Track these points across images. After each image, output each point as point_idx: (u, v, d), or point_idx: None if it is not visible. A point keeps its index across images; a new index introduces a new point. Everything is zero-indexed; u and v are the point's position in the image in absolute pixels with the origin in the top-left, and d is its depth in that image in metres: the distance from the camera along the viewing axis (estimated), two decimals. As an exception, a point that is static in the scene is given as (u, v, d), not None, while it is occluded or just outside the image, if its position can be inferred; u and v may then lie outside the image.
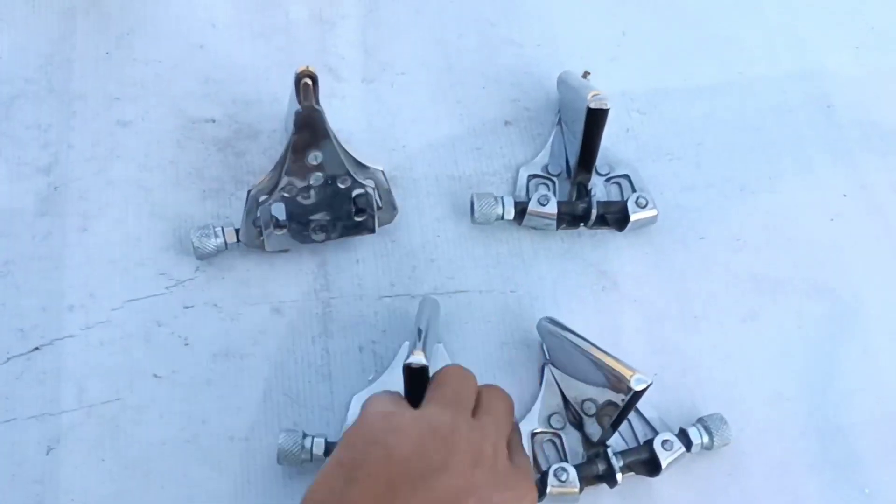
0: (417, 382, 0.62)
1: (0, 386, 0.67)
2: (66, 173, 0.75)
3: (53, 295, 0.71)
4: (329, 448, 0.66)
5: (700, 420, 0.70)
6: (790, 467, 0.71)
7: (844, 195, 0.81)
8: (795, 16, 0.89)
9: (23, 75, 0.78)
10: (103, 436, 0.67)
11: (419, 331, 0.64)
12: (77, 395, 0.68)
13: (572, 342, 0.68)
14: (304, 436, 0.66)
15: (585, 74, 0.83)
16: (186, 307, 0.71)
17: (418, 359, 0.60)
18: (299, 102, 0.65)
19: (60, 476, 0.65)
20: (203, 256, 0.72)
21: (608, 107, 0.72)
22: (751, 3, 0.89)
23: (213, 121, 0.78)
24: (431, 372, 0.62)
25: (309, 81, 0.64)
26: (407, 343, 0.71)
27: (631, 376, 0.62)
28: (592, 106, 0.72)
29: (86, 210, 0.74)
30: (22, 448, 0.66)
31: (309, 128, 0.66)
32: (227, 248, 0.72)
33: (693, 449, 0.69)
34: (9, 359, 0.68)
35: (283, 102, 0.75)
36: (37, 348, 0.69)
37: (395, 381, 0.69)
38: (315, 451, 0.66)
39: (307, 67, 0.64)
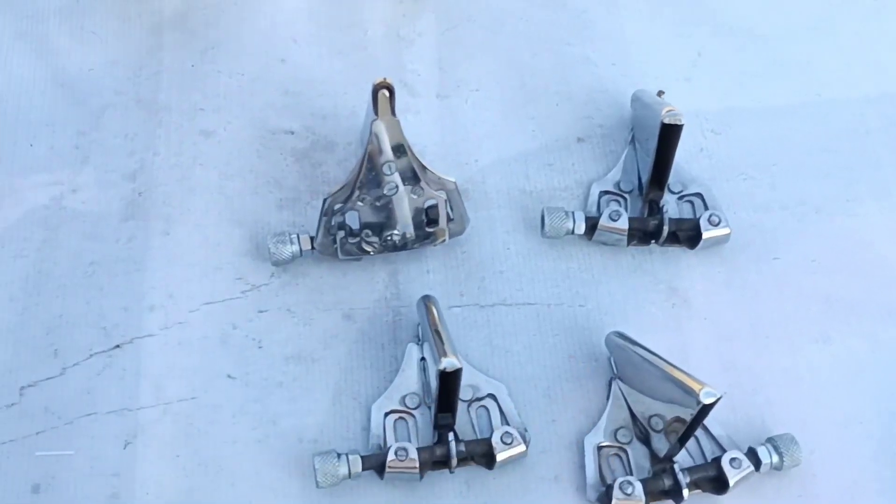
0: (452, 386, 0.64)
1: (82, 381, 0.71)
2: (151, 180, 0.78)
3: (135, 295, 0.74)
4: (366, 463, 0.67)
5: (770, 440, 0.70)
6: (861, 492, 0.70)
7: (922, 219, 0.81)
8: (872, 39, 0.89)
9: (113, 87, 0.82)
10: (178, 433, 0.69)
11: (436, 332, 0.65)
12: (155, 393, 0.71)
13: (641, 356, 0.68)
14: (339, 455, 0.67)
15: (660, 94, 0.84)
16: (261, 311, 0.74)
17: (452, 362, 0.61)
18: (376, 113, 0.67)
19: (136, 470, 0.68)
20: (278, 263, 0.74)
21: (682, 122, 0.73)
22: (827, 26, 0.90)
23: (292, 132, 0.81)
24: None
25: (386, 92, 0.67)
26: (412, 344, 0.72)
27: (700, 389, 0.63)
28: (666, 121, 0.73)
29: (168, 215, 0.77)
30: (101, 442, 0.69)
31: (385, 138, 0.68)
32: (301, 255, 0.74)
33: (762, 469, 0.69)
34: (91, 355, 0.72)
35: (360, 116, 0.78)
36: (118, 346, 0.72)
37: (407, 383, 0.71)
38: (353, 468, 0.67)
39: (384, 79, 0.67)
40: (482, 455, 0.69)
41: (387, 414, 0.70)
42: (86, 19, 0.85)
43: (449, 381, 0.63)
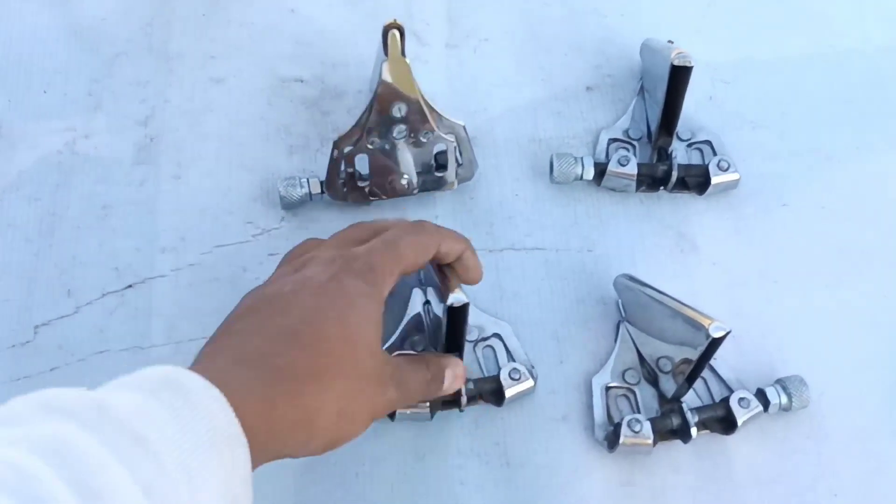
0: (460, 321, 0.65)
1: (95, 320, 0.72)
2: (162, 125, 0.80)
3: (147, 237, 0.75)
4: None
5: (779, 381, 0.71)
6: (871, 434, 0.71)
7: (935, 167, 0.81)
8: (887, -11, 0.90)
9: (125, 36, 0.84)
10: (189, 371, 0.71)
11: (440, 270, 0.65)
12: (166, 332, 0.72)
13: (650, 296, 0.69)
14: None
15: (669, 43, 0.84)
16: (271, 254, 0.75)
17: (459, 298, 0.62)
18: (386, 54, 0.68)
19: (148, 406, 0.69)
20: (289, 206, 0.76)
21: (692, 64, 0.73)
22: (840, -25, 0.90)
23: (302, 81, 0.83)
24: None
25: (396, 33, 0.68)
26: (416, 290, 0.73)
27: (710, 324, 0.63)
28: (676, 63, 0.73)
29: (180, 160, 0.78)
30: (113, 378, 0.70)
31: (395, 79, 0.69)
32: (311, 200, 0.76)
33: (770, 409, 0.70)
34: (104, 295, 0.73)
35: (369, 66, 0.79)
36: (130, 286, 0.74)
37: (412, 325, 0.72)
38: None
39: (395, 20, 0.68)
40: (491, 392, 0.70)
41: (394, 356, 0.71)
42: (99, -30, 0.86)
43: (457, 316, 0.64)
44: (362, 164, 0.74)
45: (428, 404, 0.68)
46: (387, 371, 0.56)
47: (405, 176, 0.75)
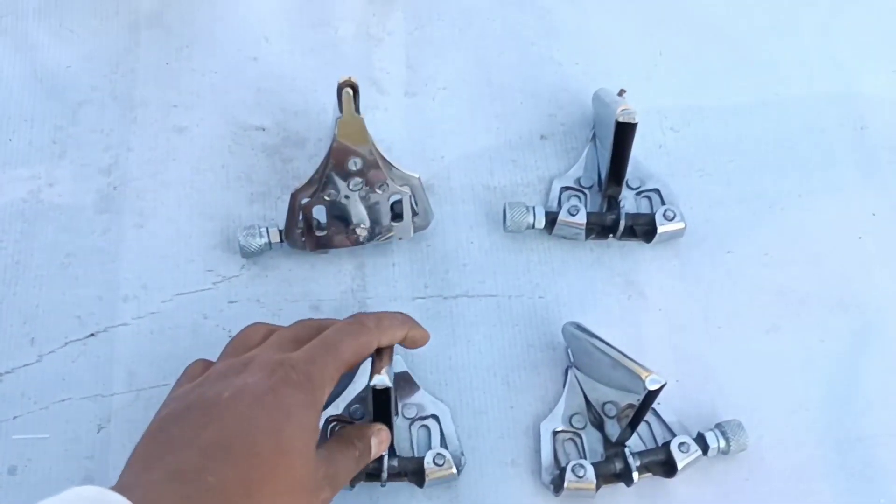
0: (384, 402, 0.68)
1: (57, 368, 0.75)
2: (125, 174, 0.82)
3: (110, 286, 0.78)
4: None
5: (718, 425, 0.75)
6: (807, 475, 0.75)
7: (873, 214, 0.85)
8: (832, 38, 0.93)
9: (89, 83, 0.86)
10: (150, 417, 0.73)
11: (378, 350, 0.68)
12: (127, 380, 0.75)
13: (594, 345, 0.73)
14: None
15: (621, 92, 0.88)
16: (231, 302, 0.78)
17: (382, 380, 0.65)
18: (340, 110, 0.71)
19: (110, 453, 0.72)
20: (248, 255, 0.79)
21: (636, 121, 0.77)
22: (788, 26, 0.94)
23: (263, 129, 0.85)
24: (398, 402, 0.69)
25: (350, 91, 0.71)
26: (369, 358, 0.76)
27: (646, 377, 0.67)
28: (621, 119, 0.77)
29: (142, 208, 0.81)
30: (75, 426, 0.73)
31: (349, 134, 0.72)
32: (270, 248, 0.78)
33: (710, 452, 0.73)
34: (66, 343, 0.76)
35: (329, 113, 0.82)
36: (92, 334, 0.76)
37: (357, 391, 0.75)
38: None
39: (349, 77, 0.71)
40: (413, 472, 0.73)
41: (328, 420, 0.73)
42: (64, 17, 0.88)
43: (381, 397, 0.67)
44: (320, 213, 0.77)
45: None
46: (319, 474, 0.58)
47: (361, 226, 0.78)
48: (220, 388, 0.57)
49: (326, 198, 0.75)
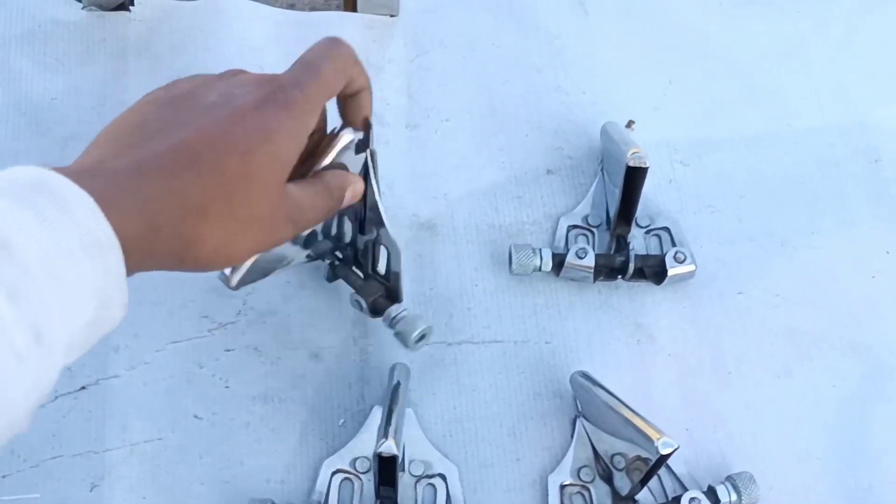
0: (389, 469, 0.68)
1: (48, 424, 0.73)
2: (116, 215, 0.80)
3: (101, 335, 0.76)
4: None
5: (729, 478, 0.74)
6: (819, 528, 0.75)
7: (887, 252, 0.85)
8: (844, 69, 0.92)
9: (77, 116, 0.84)
10: (145, 474, 0.73)
11: (389, 410, 0.69)
12: (121, 434, 0.73)
13: (604, 400, 0.72)
14: None
15: (629, 123, 0.87)
16: (228, 350, 0.77)
17: (389, 447, 0.65)
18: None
19: (104, 512, 0.71)
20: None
21: (647, 165, 0.76)
22: (799, 56, 0.93)
23: (259, 164, 0.83)
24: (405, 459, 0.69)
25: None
26: (377, 407, 0.75)
27: (658, 439, 0.67)
28: (631, 164, 0.76)
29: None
30: (67, 485, 0.72)
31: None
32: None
33: (721, 507, 0.73)
34: (56, 397, 0.74)
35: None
36: (83, 387, 0.75)
37: (362, 445, 0.74)
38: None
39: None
40: None
41: (335, 472, 0.73)
42: (48, 45, 0.86)
43: (385, 465, 0.67)
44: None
45: None
46: (282, 212, 0.55)
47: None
48: (207, 89, 0.55)
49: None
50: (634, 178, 0.77)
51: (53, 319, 0.42)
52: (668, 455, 0.67)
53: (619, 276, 0.81)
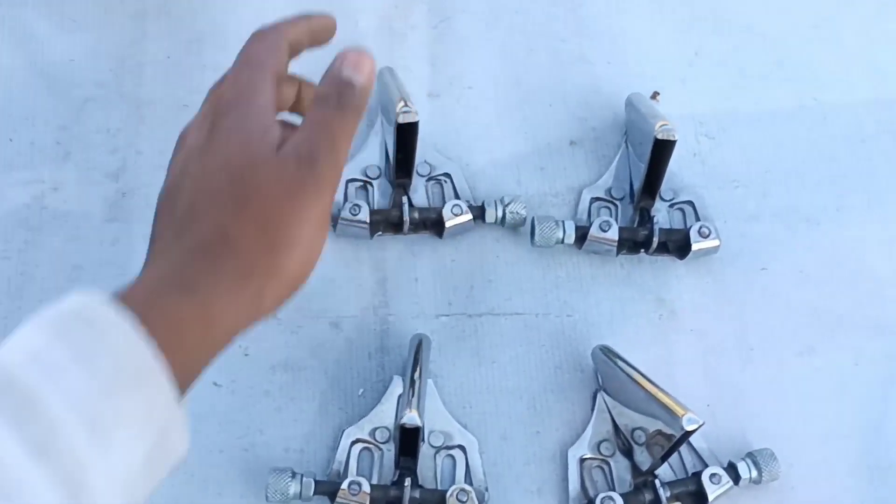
0: (411, 440, 0.69)
1: (67, 388, 0.74)
2: (135, 179, 0.81)
3: (121, 301, 0.77)
4: (319, 488, 0.71)
5: (750, 454, 0.75)
6: (839, 505, 0.76)
7: (915, 231, 0.85)
8: (874, 43, 0.92)
9: (94, 79, 0.84)
10: (164, 441, 0.73)
11: (412, 380, 0.70)
12: (140, 401, 0.74)
13: (628, 374, 0.73)
14: (294, 475, 0.72)
15: (654, 95, 0.87)
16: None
17: (413, 419, 0.66)
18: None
19: (123, 479, 0.72)
20: None
21: (675, 138, 0.76)
22: (829, 29, 0.93)
23: (280, 130, 0.84)
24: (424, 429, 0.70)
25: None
26: (397, 377, 0.76)
27: (683, 415, 0.68)
28: (660, 137, 0.76)
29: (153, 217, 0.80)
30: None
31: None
32: None
33: (741, 483, 0.74)
34: (76, 361, 0.75)
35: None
36: (103, 353, 0.75)
37: (382, 416, 0.75)
38: (304, 490, 0.71)
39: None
40: None
41: (354, 442, 0.74)
42: (66, 6, 0.86)
43: (408, 436, 0.68)
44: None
45: (368, 500, 0.71)
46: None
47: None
48: (229, 146, 0.51)
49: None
50: (662, 150, 0.77)
51: (91, 469, 0.40)
52: (693, 431, 0.68)
53: (643, 250, 0.82)
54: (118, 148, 0.82)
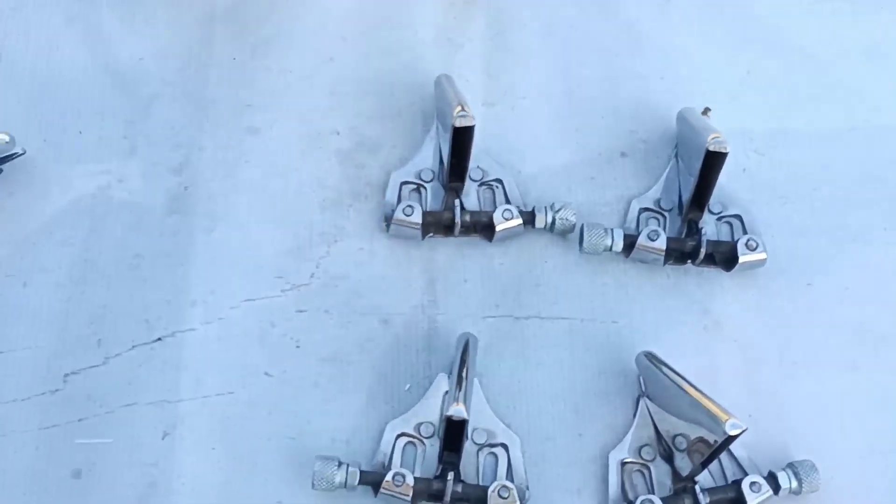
0: (457, 434, 0.70)
1: (124, 371, 0.77)
2: (196, 175, 0.85)
3: (178, 290, 0.80)
4: (363, 478, 0.73)
5: (790, 465, 0.76)
6: (879, 520, 0.76)
7: (961, 254, 0.86)
8: (925, 65, 0.94)
9: (161, 77, 0.88)
10: (215, 426, 0.76)
11: (459, 376, 0.72)
12: (194, 386, 0.77)
13: (671, 379, 0.74)
14: (339, 464, 0.73)
15: (706, 111, 0.89)
16: (300, 311, 0.80)
17: (460, 412, 0.68)
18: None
19: (174, 461, 0.75)
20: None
21: (727, 150, 0.78)
22: (879, 52, 0.94)
23: (337, 133, 0.87)
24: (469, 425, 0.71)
25: None
26: (443, 375, 0.78)
27: (726, 420, 0.68)
28: (711, 148, 0.78)
29: (213, 211, 0.83)
30: (140, 432, 0.76)
31: None
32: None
33: (780, 493, 0.75)
34: (133, 347, 0.78)
35: (406, 118, 0.84)
36: (160, 339, 0.78)
37: (426, 411, 0.77)
38: (350, 479, 0.73)
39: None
40: (476, 500, 0.74)
41: (399, 435, 0.76)
42: (137, 7, 0.90)
43: (454, 428, 0.70)
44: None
45: (412, 492, 0.73)
46: None
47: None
48: None
49: None
50: (713, 162, 0.79)
51: None
52: (735, 437, 0.68)
53: (689, 261, 0.84)
54: (181, 144, 0.86)
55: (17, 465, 0.74)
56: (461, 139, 0.79)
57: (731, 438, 0.69)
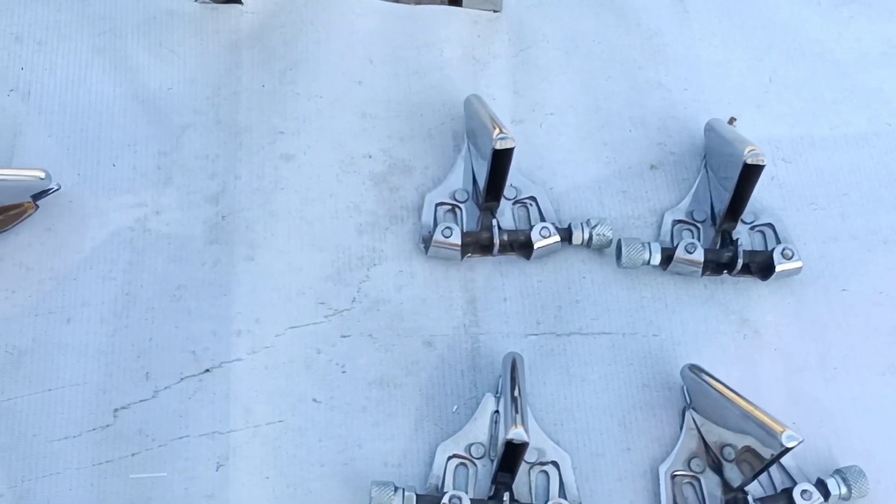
0: (517, 456, 0.72)
1: (174, 404, 0.79)
2: (234, 203, 0.86)
3: (222, 320, 0.82)
4: (420, 502, 0.75)
5: (838, 471, 0.79)
6: (927, 522, 0.79)
7: None
8: (947, 67, 0.97)
9: (192, 106, 0.90)
10: (267, 455, 0.78)
11: (513, 397, 0.74)
12: (244, 416, 0.79)
13: (719, 391, 0.77)
14: (396, 489, 0.75)
15: (731, 121, 0.92)
16: (344, 336, 0.82)
17: (520, 434, 0.70)
18: None
19: (229, 491, 0.76)
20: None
21: (764, 163, 0.81)
22: (899, 55, 0.98)
23: (370, 156, 0.89)
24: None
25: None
26: (489, 394, 0.80)
27: (782, 432, 0.71)
28: (749, 161, 0.81)
29: (252, 240, 0.85)
30: (194, 464, 0.77)
31: None
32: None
33: (831, 500, 0.78)
34: (182, 379, 0.80)
35: (436, 139, 0.86)
36: (208, 370, 0.80)
37: (476, 431, 0.80)
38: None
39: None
40: None
41: (450, 457, 0.78)
42: (164, 36, 0.92)
43: (514, 451, 0.72)
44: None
45: None
46: None
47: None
48: None
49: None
50: (750, 175, 0.82)
51: None
52: (792, 448, 0.70)
53: (725, 271, 0.86)
54: (217, 173, 0.87)
55: (72, 502, 0.75)
56: (500, 161, 0.82)
57: (787, 450, 0.71)
